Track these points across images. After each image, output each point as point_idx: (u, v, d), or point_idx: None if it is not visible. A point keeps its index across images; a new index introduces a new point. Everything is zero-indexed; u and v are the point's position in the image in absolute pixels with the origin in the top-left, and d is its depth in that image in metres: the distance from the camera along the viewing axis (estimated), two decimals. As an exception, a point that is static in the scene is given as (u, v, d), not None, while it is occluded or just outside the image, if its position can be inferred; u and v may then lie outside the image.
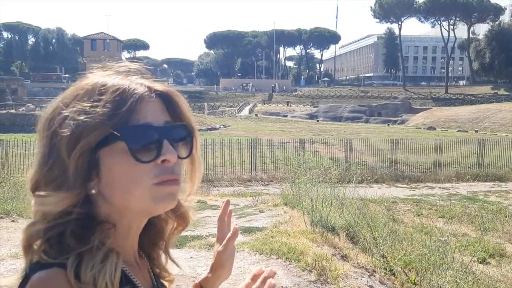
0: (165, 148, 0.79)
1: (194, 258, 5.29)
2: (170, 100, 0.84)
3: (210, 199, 13.79)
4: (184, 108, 0.86)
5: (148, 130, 0.78)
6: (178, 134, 0.83)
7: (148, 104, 0.80)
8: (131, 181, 0.77)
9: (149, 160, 0.77)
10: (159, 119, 0.81)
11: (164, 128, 0.80)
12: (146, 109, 0.79)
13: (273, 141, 25.03)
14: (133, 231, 0.86)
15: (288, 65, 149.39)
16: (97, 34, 69.12)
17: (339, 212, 7.33)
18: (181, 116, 0.85)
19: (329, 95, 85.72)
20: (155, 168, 0.78)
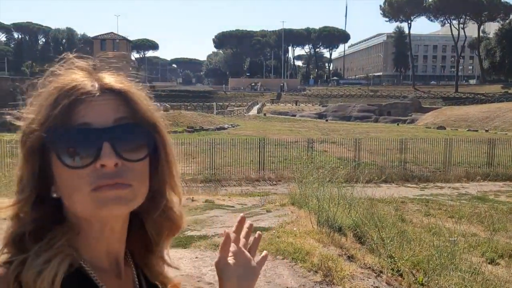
0: (104, 151, 0.72)
1: (199, 258, 5.27)
2: (125, 97, 0.77)
3: (217, 199, 13.79)
4: (141, 105, 0.79)
5: (83, 132, 0.73)
6: (130, 133, 0.76)
7: (93, 103, 0.74)
8: (70, 187, 0.74)
9: (82, 165, 0.73)
10: (106, 118, 0.75)
11: (108, 129, 0.74)
12: (88, 109, 0.74)
13: (281, 141, 25.00)
14: (106, 235, 0.80)
15: (297, 64, 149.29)
16: (106, 34, 69.56)
17: (347, 212, 7.29)
18: (138, 114, 0.77)
19: (338, 94, 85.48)
20: (92, 174, 0.73)
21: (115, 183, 0.73)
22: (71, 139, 0.73)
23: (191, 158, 22.60)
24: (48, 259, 0.72)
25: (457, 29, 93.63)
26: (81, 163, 0.72)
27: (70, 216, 0.78)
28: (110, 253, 0.83)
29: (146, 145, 0.78)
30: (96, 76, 0.78)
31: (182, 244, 5.80)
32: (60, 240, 0.74)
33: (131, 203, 0.76)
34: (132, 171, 0.76)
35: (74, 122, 0.73)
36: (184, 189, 4.43)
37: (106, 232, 0.80)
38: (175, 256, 5.37)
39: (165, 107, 47.81)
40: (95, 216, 0.76)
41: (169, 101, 68.46)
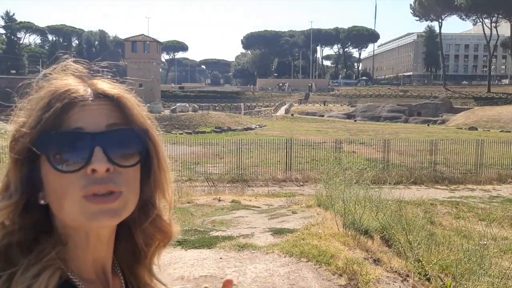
0: (95, 156, 0.71)
1: (223, 259, 5.28)
2: (117, 103, 0.76)
3: (244, 199, 13.80)
4: (134, 111, 0.77)
5: (75, 137, 0.72)
6: (122, 139, 0.75)
7: (86, 108, 0.73)
8: (60, 192, 0.72)
9: (73, 170, 0.71)
10: (98, 123, 0.73)
11: (100, 134, 0.72)
12: (81, 113, 0.73)
13: (309, 141, 24.87)
14: (93, 244, 0.78)
15: (326, 64, 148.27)
16: (137, 36, 70.29)
17: (374, 215, 7.19)
18: (131, 120, 0.76)
19: (367, 94, 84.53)
20: (82, 179, 0.71)
21: (106, 189, 0.72)
22: (62, 143, 0.71)
23: (218, 158, 22.72)
24: (38, 273, 0.70)
25: (489, 28, 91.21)
26: (71, 168, 0.71)
27: (57, 224, 0.76)
28: (96, 263, 0.81)
29: (138, 151, 0.77)
30: (90, 82, 0.78)
31: (207, 245, 5.83)
32: (49, 253, 0.72)
33: (122, 213, 0.74)
34: (123, 177, 0.74)
35: (66, 126, 0.72)
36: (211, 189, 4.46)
37: (92, 241, 0.78)
38: (199, 257, 5.42)
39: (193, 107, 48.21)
40: (84, 226, 0.74)
41: (197, 101, 69.09)
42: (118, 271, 0.87)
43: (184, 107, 47.60)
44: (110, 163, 0.72)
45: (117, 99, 0.76)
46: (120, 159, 0.74)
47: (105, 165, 0.71)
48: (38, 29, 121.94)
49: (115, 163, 0.73)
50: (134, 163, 0.76)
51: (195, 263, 5.10)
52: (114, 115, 0.76)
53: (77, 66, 0.79)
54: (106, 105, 0.75)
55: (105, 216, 0.72)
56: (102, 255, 0.81)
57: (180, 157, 23.19)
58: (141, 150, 0.77)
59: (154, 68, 69.91)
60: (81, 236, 0.76)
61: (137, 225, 0.84)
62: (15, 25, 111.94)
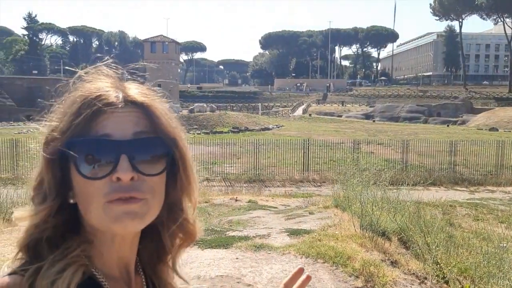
0: (120, 164, 0.72)
1: (239, 259, 5.29)
2: (147, 110, 0.77)
3: (261, 199, 13.81)
4: (162, 119, 0.78)
5: (102, 144, 0.73)
6: (148, 147, 0.76)
7: (114, 114, 0.75)
8: (86, 196, 0.74)
9: (98, 177, 0.73)
10: (126, 131, 0.75)
11: (127, 142, 0.74)
12: (109, 120, 0.74)
13: (326, 142, 24.77)
14: (118, 244, 0.80)
15: (344, 64, 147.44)
16: (156, 37, 70.78)
17: (391, 216, 7.13)
18: (158, 128, 0.77)
19: (386, 95, 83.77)
20: (107, 186, 0.73)
21: (129, 196, 0.73)
22: (89, 149, 0.73)
23: (235, 158, 22.77)
24: (63, 269, 0.72)
25: (511, 27, 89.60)
26: (97, 174, 0.73)
27: (85, 223, 0.78)
28: (120, 261, 0.83)
29: (164, 159, 0.78)
30: (122, 86, 0.79)
31: (223, 245, 5.85)
32: (75, 250, 0.75)
33: (145, 217, 0.76)
34: (148, 184, 0.75)
35: (94, 132, 0.74)
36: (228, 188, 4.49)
37: (117, 240, 0.80)
38: (216, 257, 5.44)
39: (211, 107, 48.39)
40: (108, 230, 0.76)
41: (215, 102, 69.35)
42: (140, 270, 0.89)
43: (202, 107, 47.80)
44: (134, 172, 0.73)
45: (146, 107, 0.78)
46: (145, 167, 0.75)
47: (129, 174, 0.73)
48: (59, 30, 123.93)
49: (140, 171, 0.74)
50: (159, 172, 0.77)
51: (211, 262, 5.12)
52: (142, 122, 0.77)
53: (109, 70, 0.82)
54: (134, 112, 0.77)
55: (128, 218, 0.73)
56: (126, 254, 0.83)
57: (198, 157, 23.29)
58: (167, 158, 0.78)
59: (173, 68, 70.33)
60: (107, 236, 0.79)
61: (165, 227, 0.86)
62: (37, 26, 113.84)
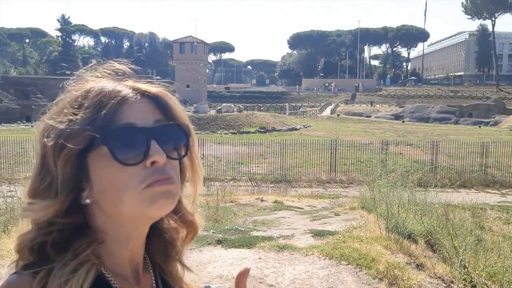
0: (153, 149, 0.74)
1: (262, 259, 5.28)
2: (160, 101, 0.80)
3: (287, 200, 13.78)
4: (176, 108, 0.82)
5: (132, 131, 0.75)
6: (169, 134, 0.79)
7: (133, 105, 0.77)
8: (120, 186, 0.74)
9: (135, 162, 0.74)
10: (147, 119, 0.77)
11: (152, 129, 0.76)
12: (130, 110, 0.76)
13: (354, 142, 24.56)
14: (133, 242, 0.82)
15: (373, 64, 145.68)
16: (185, 38, 71.62)
17: (418, 218, 7.00)
18: (174, 116, 0.81)
19: (416, 95, 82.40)
20: (143, 171, 0.74)
21: (167, 177, 0.75)
22: (122, 137, 0.74)
23: (262, 158, 22.78)
24: (75, 268, 0.72)
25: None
26: (133, 161, 0.74)
27: (99, 223, 0.78)
28: (133, 260, 0.84)
29: (183, 145, 0.81)
30: (126, 82, 0.81)
31: (247, 244, 5.85)
32: (85, 250, 0.75)
33: (176, 198, 0.78)
34: (174, 169, 0.78)
35: (120, 123, 0.75)
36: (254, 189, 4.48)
37: (133, 238, 0.81)
38: (239, 256, 5.44)
39: (238, 108, 48.54)
40: (143, 215, 0.77)
41: (242, 102, 69.51)
42: (149, 267, 0.90)
43: (229, 107, 47.99)
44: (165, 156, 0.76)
45: (159, 97, 0.81)
46: (170, 152, 0.78)
47: (163, 157, 0.75)
48: (92, 32, 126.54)
49: (169, 155, 0.77)
50: (181, 156, 0.81)
51: (234, 262, 5.13)
52: (157, 112, 0.79)
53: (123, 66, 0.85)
54: (149, 103, 0.79)
55: (163, 198, 0.75)
56: (137, 251, 0.84)
57: (225, 156, 23.43)
58: (186, 144, 0.81)
59: (201, 69, 70.98)
60: (122, 234, 0.79)
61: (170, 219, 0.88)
62: (70, 27, 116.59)
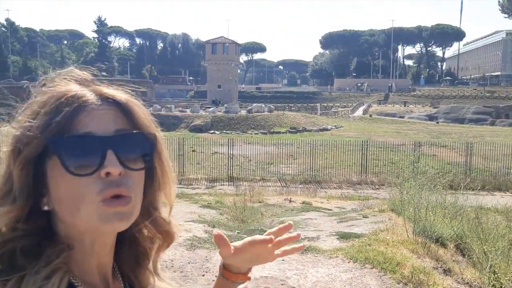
0: (108, 159, 0.72)
1: (285, 261, 5.25)
2: (125, 108, 0.77)
3: (315, 201, 13.68)
4: (141, 115, 0.79)
5: (88, 140, 0.72)
6: (131, 143, 0.76)
7: (93, 112, 0.74)
8: (76, 197, 0.72)
9: (87, 173, 0.71)
10: (107, 127, 0.74)
11: (110, 138, 0.73)
12: (89, 117, 0.74)
13: (386, 143, 24.21)
14: (97, 250, 0.79)
15: (407, 63, 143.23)
16: (217, 39, 72.08)
17: (448, 221, 6.84)
18: (138, 124, 0.78)
19: (450, 95, 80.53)
20: (98, 182, 0.72)
21: (120, 192, 0.73)
22: (75, 146, 0.72)
23: (292, 158, 22.73)
24: (49, 275, 0.71)
25: None
26: (86, 171, 0.71)
27: (62, 229, 0.76)
28: (100, 267, 0.82)
29: (145, 155, 0.78)
30: (93, 87, 0.78)
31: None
32: (58, 257, 0.73)
33: (131, 217, 0.76)
34: (132, 180, 0.75)
35: (75, 131, 0.73)
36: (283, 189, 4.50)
37: (98, 246, 0.79)
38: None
39: (269, 108, 48.51)
40: (96, 229, 0.75)
41: (273, 102, 69.44)
42: (117, 274, 0.88)
43: (260, 108, 48.02)
44: (122, 166, 0.73)
45: (124, 104, 0.78)
46: (130, 162, 0.75)
47: (118, 168, 0.72)
48: (127, 33, 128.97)
49: (126, 166, 0.74)
50: (142, 167, 0.77)
51: (257, 263, 5.12)
52: (120, 120, 0.77)
53: (80, 73, 0.80)
54: (112, 110, 0.77)
55: (117, 219, 0.73)
56: (105, 259, 0.82)
57: (254, 157, 23.48)
58: (149, 153, 0.79)
59: (233, 69, 71.26)
60: (86, 241, 0.77)
61: (141, 228, 0.86)
62: (106, 29, 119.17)
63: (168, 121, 42.16)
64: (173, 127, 40.50)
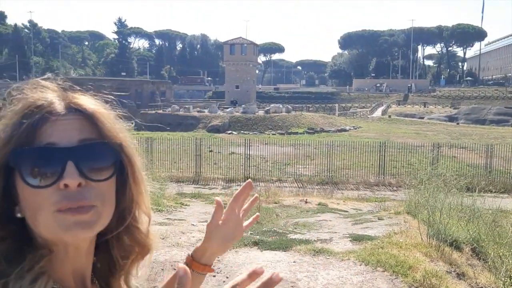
0: (67, 171, 0.71)
1: (297, 262, 5.25)
2: (90, 117, 0.77)
3: (331, 202, 13.62)
4: (107, 125, 0.78)
5: (47, 152, 0.72)
6: (95, 153, 0.75)
7: (58, 122, 0.74)
8: (34, 207, 0.72)
9: (46, 185, 0.71)
10: (71, 138, 0.74)
11: (71, 149, 0.73)
12: (53, 128, 0.74)
13: (405, 144, 23.97)
14: (72, 255, 0.79)
15: (427, 64, 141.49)
16: (235, 39, 72.22)
17: (464, 225, 6.75)
18: (103, 134, 0.77)
19: (472, 96, 79.29)
20: (55, 194, 0.72)
21: (77, 206, 0.72)
22: (34, 158, 0.72)
23: (309, 159, 22.65)
24: (34, 279, 0.71)
25: None
26: (44, 183, 0.72)
27: (37, 236, 0.76)
28: (76, 273, 0.81)
29: (111, 164, 0.77)
30: (64, 95, 0.78)
31: (283, 247, 5.83)
32: (39, 262, 0.73)
33: (95, 226, 0.75)
34: (96, 191, 0.75)
35: (39, 142, 0.73)
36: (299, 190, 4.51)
37: (71, 252, 0.78)
38: (274, 259, 5.44)
39: (287, 108, 48.45)
40: (60, 239, 0.75)
41: (291, 102, 69.32)
42: (95, 281, 0.88)
43: (278, 108, 48.00)
44: (82, 178, 0.73)
45: (89, 113, 0.77)
46: (93, 173, 0.74)
47: (76, 179, 0.72)
48: (146, 34, 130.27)
49: (88, 177, 0.73)
50: (107, 177, 0.76)
51: (268, 264, 5.13)
52: (86, 130, 0.76)
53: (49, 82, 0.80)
54: (78, 120, 0.76)
55: (79, 228, 0.73)
56: (81, 265, 0.82)
57: (271, 157, 23.47)
58: (115, 163, 0.78)
59: (251, 69, 71.30)
60: (59, 247, 0.77)
61: (114, 238, 0.85)
62: (126, 30, 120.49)
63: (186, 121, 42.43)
64: (191, 127, 40.72)
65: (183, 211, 10.12)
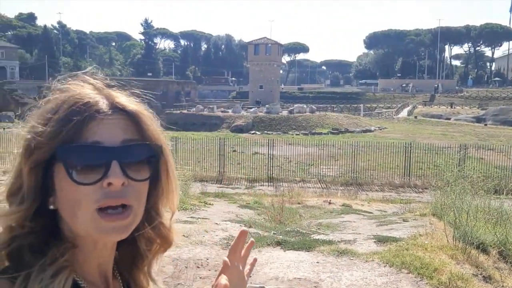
0: (112, 170, 0.73)
1: (320, 263, 5.24)
2: (134, 118, 0.79)
3: (355, 204, 13.53)
4: (149, 127, 0.80)
5: (93, 150, 0.74)
6: (136, 154, 0.77)
7: (104, 121, 0.76)
8: (74, 203, 0.74)
9: (90, 182, 0.73)
10: (115, 137, 0.76)
11: (116, 149, 0.75)
12: (99, 126, 0.75)
13: (432, 145, 23.64)
14: (99, 250, 0.81)
15: (454, 64, 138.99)
16: (260, 39, 72.26)
17: (491, 227, 6.62)
18: (146, 136, 0.79)
19: (500, 97, 77.48)
20: (98, 191, 0.74)
21: (119, 203, 0.75)
22: (81, 156, 0.74)
23: (333, 160, 22.51)
24: (55, 273, 0.73)
25: None
26: (88, 180, 0.74)
27: (65, 229, 0.78)
28: (101, 267, 0.84)
29: (150, 165, 0.80)
30: (106, 93, 0.80)
31: (306, 247, 5.82)
32: (63, 255, 0.75)
33: (131, 228, 0.78)
34: (135, 190, 0.77)
35: (84, 139, 0.74)
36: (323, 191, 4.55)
37: (99, 247, 0.81)
38: (297, 259, 5.44)
39: (311, 108, 48.26)
40: (93, 237, 0.78)
41: (316, 102, 69.00)
42: (117, 275, 0.91)
43: (302, 108, 47.87)
44: (125, 177, 0.75)
45: (134, 114, 0.79)
46: (134, 173, 0.77)
47: (121, 179, 0.74)
48: (172, 35, 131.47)
49: (130, 177, 0.76)
50: (146, 177, 0.79)
51: (291, 264, 5.14)
52: (130, 130, 0.79)
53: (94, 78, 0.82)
54: (122, 120, 0.78)
55: (116, 233, 0.76)
56: (105, 259, 0.85)
57: (295, 157, 23.42)
58: (154, 164, 0.81)
59: (275, 70, 71.24)
60: (88, 242, 0.79)
61: (140, 231, 0.87)
62: (152, 31, 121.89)
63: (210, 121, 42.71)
64: (215, 127, 40.98)
65: (206, 210, 10.20)
